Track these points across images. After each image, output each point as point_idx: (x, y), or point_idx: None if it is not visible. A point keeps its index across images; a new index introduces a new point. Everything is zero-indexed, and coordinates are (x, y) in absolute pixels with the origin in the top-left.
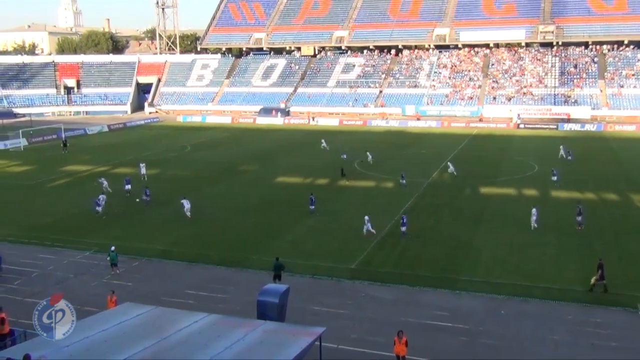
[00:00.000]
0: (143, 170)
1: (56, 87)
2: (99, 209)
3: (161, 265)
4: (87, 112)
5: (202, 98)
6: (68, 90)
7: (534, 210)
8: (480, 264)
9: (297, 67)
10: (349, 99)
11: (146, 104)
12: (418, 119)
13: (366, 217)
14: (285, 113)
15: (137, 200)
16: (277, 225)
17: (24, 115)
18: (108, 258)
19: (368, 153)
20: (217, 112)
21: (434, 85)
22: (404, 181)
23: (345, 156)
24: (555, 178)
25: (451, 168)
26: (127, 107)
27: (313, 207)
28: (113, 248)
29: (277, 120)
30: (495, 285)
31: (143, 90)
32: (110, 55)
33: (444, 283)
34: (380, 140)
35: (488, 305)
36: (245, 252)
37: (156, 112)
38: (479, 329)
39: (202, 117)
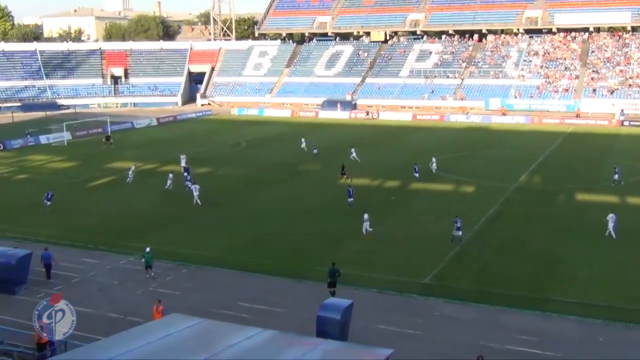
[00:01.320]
0: (183, 162)
1: (102, 77)
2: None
3: (212, 274)
4: (134, 104)
5: (259, 89)
6: (115, 80)
7: (611, 216)
8: (575, 283)
9: (365, 54)
10: (425, 90)
11: (198, 95)
12: (504, 114)
13: (365, 215)
14: (352, 106)
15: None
16: (340, 233)
17: (68, 107)
18: (142, 259)
19: (353, 150)
20: (275, 104)
21: (523, 76)
22: (417, 174)
23: (316, 150)
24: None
25: (434, 164)
26: (178, 99)
27: (351, 199)
28: (148, 249)
29: (342, 114)
30: (593, 308)
31: (195, 80)
32: (161, 41)
33: (532, 303)
34: (459, 138)
35: (583, 330)
36: (305, 262)
37: (209, 104)
38: (573, 359)
39: (258, 110)
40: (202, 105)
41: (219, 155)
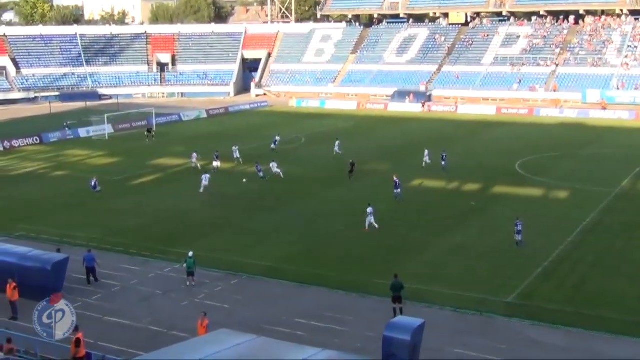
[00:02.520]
0: (237, 154)
1: (148, 64)
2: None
3: (266, 285)
4: (182, 94)
5: (321, 78)
6: (161, 67)
7: None
8: None
9: (442, 38)
10: (511, 80)
11: (253, 85)
12: (604, 108)
13: (369, 209)
14: (426, 98)
15: (244, 180)
16: (410, 242)
17: (110, 96)
18: (184, 265)
19: (337, 142)
20: (339, 95)
21: (627, 64)
22: (445, 163)
23: (276, 140)
24: None
25: (427, 158)
26: (230, 88)
27: (398, 190)
28: (191, 254)
29: (415, 107)
30: None
31: (249, 67)
32: (212, 24)
33: (635, 329)
34: (550, 136)
35: None
36: (370, 274)
37: (264, 94)
38: None
39: (320, 102)
40: (257, 95)
41: (276, 151)
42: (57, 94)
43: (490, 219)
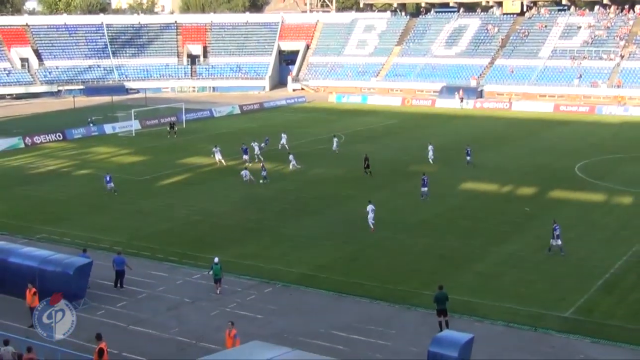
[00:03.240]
0: (284, 140)
1: (178, 56)
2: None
3: (302, 295)
4: (214, 88)
5: (363, 71)
6: (192, 59)
7: None
8: None
9: (496, 29)
10: (571, 75)
11: (289, 79)
12: None
13: (370, 206)
14: (477, 94)
15: (261, 181)
16: (460, 250)
17: (137, 90)
18: (210, 272)
19: (335, 139)
20: (382, 90)
21: None
22: (470, 157)
23: (267, 141)
24: None
25: (430, 153)
26: (265, 82)
27: (425, 189)
28: (217, 260)
29: (464, 104)
30: None
31: (286, 60)
32: (247, 14)
33: None
34: (613, 136)
35: None
36: (415, 284)
37: (302, 89)
38: None
39: (362, 97)
40: (294, 90)
41: (313, 151)
42: (81, 87)
43: (546, 226)
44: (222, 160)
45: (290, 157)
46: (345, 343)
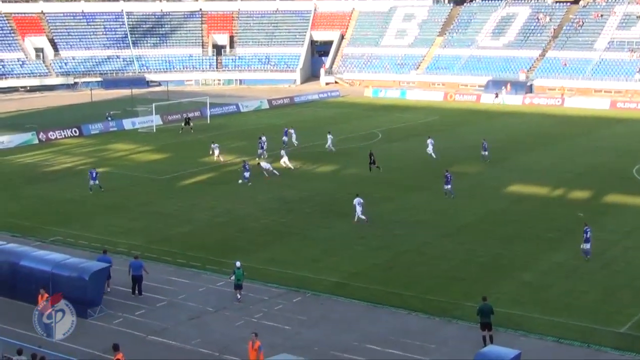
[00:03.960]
0: (329, 142)
1: (202, 46)
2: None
3: (333, 305)
4: (241, 81)
5: (402, 64)
6: (217, 49)
7: None
8: None
9: (547, 18)
10: (629, 69)
11: (322, 71)
12: None
13: (357, 199)
14: (526, 88)
15: (240, 181)
16: (505, 258)
17: (159, 83)
18: (232, 277)
19: (330, 137)
20: (423, 84)
21: None
22: (486, 152)
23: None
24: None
25: (430, 148)
26: (297, 75)
27: (449, 186)
28: (239, 264)
29: (512, 99)
30: None
31: (319, 51)
32: (277, 1)
33: None
34: None
35: None
36: (456, 295)
37: (336, 82)
38: None
39: (400, 92)
40: (327, 84)
41: (347, 149)
42: (99, 79)
43: (601, 232)
44: (221, 157)
45: (282, 152)
46: (381, 357)
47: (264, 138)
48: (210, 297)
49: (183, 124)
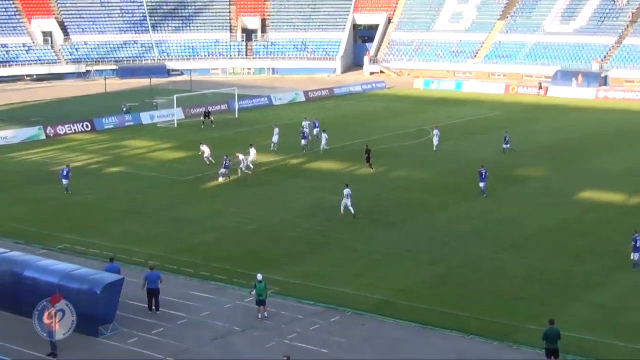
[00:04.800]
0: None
1: (230, 30)
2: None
3: (377, 326)
4: (274, 70)
5: (457, 51)
6: (248, 34)
7: None
8: None
9: (624, 0)
10: None
11: (366, 59)
12: None
13: (346, 190)
14: (600, 80)
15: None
16: (575, 275)
17: (181, 72)
18: (253, 292)
19: (324, 135)
20: (481, 74)
21: None
22: (508, 145)
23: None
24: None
25: (435, 139)
26: (337, 64)
27: (483, 184)
28: (260, 277)
29: (584, 93)
30: None
31: (362, 36)
32: None
33: None
34: None
35: None
36: (518, 316)
37: (381, 72)
38: None
39: (455, 83)
40: (372, 73)
41: (394, 149)
42: (114, 67)
43: None
44: (210, 158)
45: (251, 149)
46: None
47: (305, 123)
48: (236, 314)
49: (203, 118)
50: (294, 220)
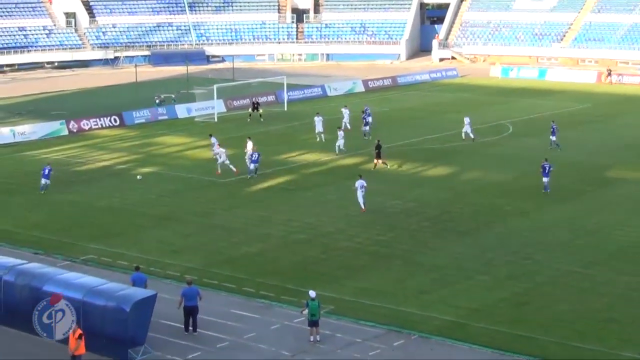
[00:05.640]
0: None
1: (278, 10)
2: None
3: (448, 351)
4: (328, 56)
5: (540, 34)
6: (298, 15)
7: None
8: None
9: None
10: None
11: (435, 43)
12: None
13: (360, 181)
14: None
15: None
16: None
17: (222, 58)
18: (305, 311)
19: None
20: (569, 60)
21: None
22: (555, 137)
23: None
24: None
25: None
26: (401, 49)
27: (546, 179)
28: (314, 294)
29: (612, 78)
30: None
31: (431, 17)
32: None
33: None
34: None
35: None
36: (611, 342)
37: (452, 58)
38: None
39: (538, 71)
40: (441, 60)
41: (467, 147)
42: (146, 53)
43: None
44: (227, 161)
45: (221, 151)
46: None
47: (369, 110)
48: (285, 337)
49: (251, 110)
50: (350, 228)
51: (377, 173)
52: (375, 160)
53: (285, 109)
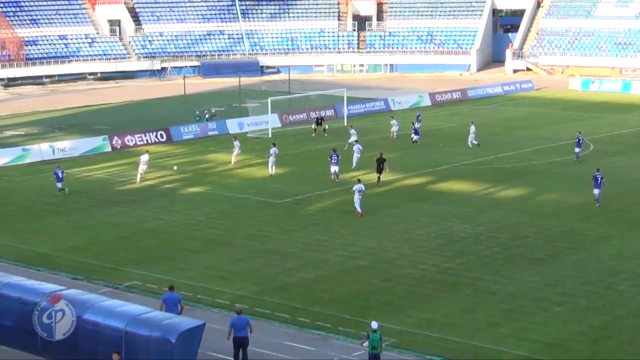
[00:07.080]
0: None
1: (338, 18)
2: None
3: None
4: (391, 67)
5: (625, 42)
6: (360, 22)
7: None
8: None
9: None
10: None
11: (508, 53)
12: None
13: (358, 186)
14: None
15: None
16: None
17: (277, 69)
18: (365, 343)
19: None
20: None
21: None
22: (580, 149)
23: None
24: None
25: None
26: (471, 59)
27: (597, 190)
28: (376, 325)
29: None
30: None
31: (504, 25)
32: None
33: None
34: None
35: None
36: None
37: (528, 70)
38: None
39: (622, 84)
40: (516, 71)
41: (542, 165)
42: (195, 64)
43: None
44: (235, 158)
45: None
46: None
47: (420, 117)
48: None
49: (314, 126)
50: (415, 254)
51: (445, 195)
52: (377, 175)
53: (345, 124)
